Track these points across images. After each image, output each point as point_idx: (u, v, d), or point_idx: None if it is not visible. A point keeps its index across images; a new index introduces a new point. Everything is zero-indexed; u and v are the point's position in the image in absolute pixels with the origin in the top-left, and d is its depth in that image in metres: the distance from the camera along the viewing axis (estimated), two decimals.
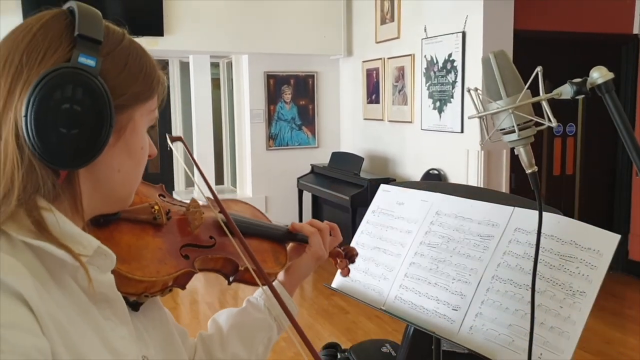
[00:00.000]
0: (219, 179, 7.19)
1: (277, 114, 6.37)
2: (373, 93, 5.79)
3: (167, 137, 0.97)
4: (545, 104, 0.83)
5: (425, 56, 4.80)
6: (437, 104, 4.70)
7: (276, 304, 0.99)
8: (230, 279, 0.94)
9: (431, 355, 1.35)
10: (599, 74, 0.81)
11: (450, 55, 4.47)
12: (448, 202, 1.40)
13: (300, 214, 6.25)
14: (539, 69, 0.81)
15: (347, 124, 6.50)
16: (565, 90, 0.83)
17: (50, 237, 0.63)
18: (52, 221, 0.64)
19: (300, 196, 6.26)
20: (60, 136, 0.62)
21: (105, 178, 0.70)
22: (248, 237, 0.98)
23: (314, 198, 6.28)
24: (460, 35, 4.33)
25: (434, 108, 4.74)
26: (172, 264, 0.80)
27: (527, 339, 1.04)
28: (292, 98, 6.40)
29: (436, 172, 4.77)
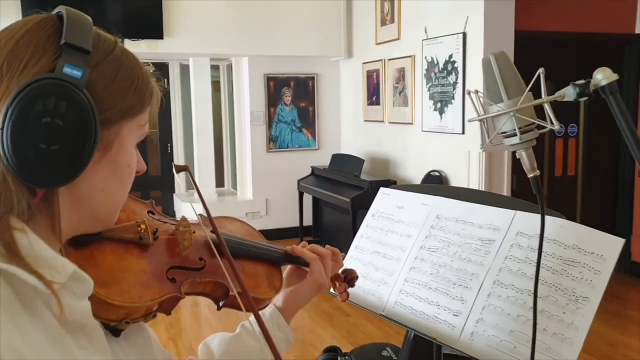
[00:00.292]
0: (220, 182, 7.17)
1: (278, 116, 6.36)
2: (373, 94, 5.77)
3: (173, 167, 0.93)
4: (547, 107, 0.81)
5: (425, 57, 4.78)
6: (438, 105, 4.68)
7: (272, 331, 0.97)
8: (220, 303, 0.89)
9: (432, 359, 1.33)
10: (602, 76, 0.79)
11: (450, 56, 4.45)
12: (449, 206, 1.38)
13: (301, 216, 6.24)
14: (540, 70, 0.79)
15: (347, 126, 6.48)
16: (568, 92, 0.81)
17: (21, 261, 0.58)
18: (25, 243, 0.59)
19: (301, 198, 6.25)
20: (38, 152, 0.57)
21: (87, 197, 0.66)
22: (241, 259, 0.93)
23: (314, 200, 6.26)
24: (460, 36, 4.31)
25: (435, 109, 4.72)
26: (157, 288, 0.75)
27: (530, 346, 1.02)
28: (292, 100, 6.39)
29: (437, 174, 4.75)
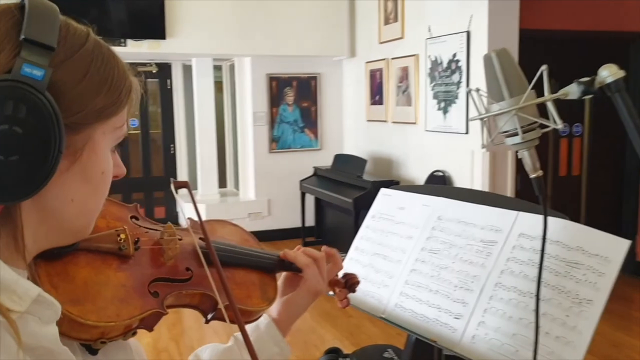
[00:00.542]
0: (222, 182, 7.16)
1: (280, 117, 6.34)
2: (376, 94, 5.74)
3: (172, 183, 0.84)
4: (550, 105, 0.79)
5: (429, 56, 4.76)
6: (442, 104, 4.65)
7: (266, 345, 0.92)
8: (209, 316, 0.83)
9: None
10: (608, 72, 0.76)
11: (454, 55, 4.43)
12: (450, 207, 1.36)
13: (303, 217, 6.22)
14: (543, 67, 0.77)
15: (350, 126, 6.46)
16: (572, 90, 0.79)
17: None
18: None
19: (303, 199, 6.23)
20: None
21: (56, 209, 0.59)
22: (232, 267, 0.88)
23: (316, 201, 6.25)
24: (464, 35, 4.29)
25: (439, 109, 4.70)
26: (137, 304, 0.68)
27: (532, 349, 1.00)
28: (295, 100, 6.37)
29: (441, 174, 4.72)
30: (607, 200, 5.30)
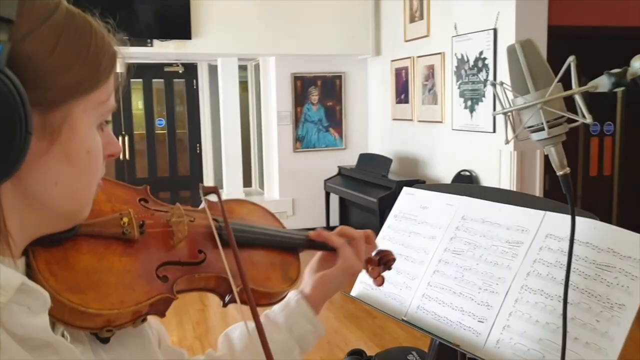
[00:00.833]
0: (247, 182, 7.18)
1: (304, 116, 6.33)
2: (402, 93, 5.69)
3: (200, 188, 0.81)
4: (579, 98, 0.74)
5: (455, 54, 4.70)
6: (469, 103, 4.59)
7: (298, 323, 0.89)
8: (226, 299, 0.79)
9: None
10: None
11: (481, 52, 4.36)
12: (475, 206, 1.32)
13: (328, 216, 6.20)
14: (571, 58, 0.73)
15: (375, 125, 6.42)
16: (602, 83, 0.74)
17: None
18: None
19: (328, 198, 6.21)
20: None
21: (40, 194, 0.56)
22: (250, 248, 0.84)
23: (341, 200, 6.22)
24: (491, 32, 4.22)
25: (465, 107, 4.63)
26: (144, 290, 0.65)
27: (559, 356, 0.95)
28: (319, 99, 6.35)
29: (468, 174, 4.65)
30: None
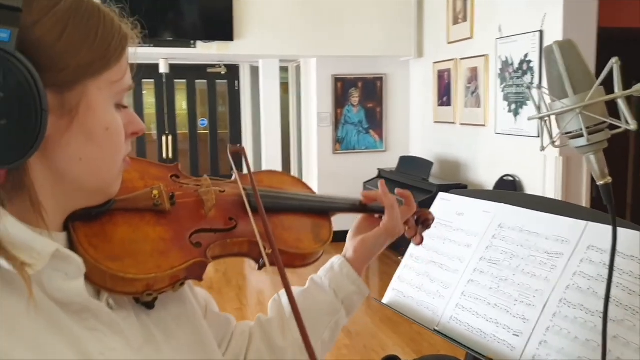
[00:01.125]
0: None
1: (344, 117, 6.30)
2: (444, 95, 5.60)
3: (228, 149, 0.87)
4: (622, 103, 0.69)
5: (499, 57, 4.59)
6: (513, 106, 4.48)
7: (343, 285, 0.95)
8: (261, 262, 0.83)
9: None
10: None
11: (526, 55, 4.25)
12: (512, 214, 1.27)
13: None
14: (614, 60, 0.68)
15: (416, 127, 6.34)
16: None
17: None
18: (1, 229, 0.56)
19: None
20: None
21: (67, 169, 0.61)
22: (280, 213, 0.88)
23: None
24: (537, 34, 4.10)
25: (509, 111, 4.52)
26: (178, 255, 0.70)
27: None
28: (360, 101, 6.31)
29: (511, 179, 4.54)
30: None
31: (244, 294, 4.96)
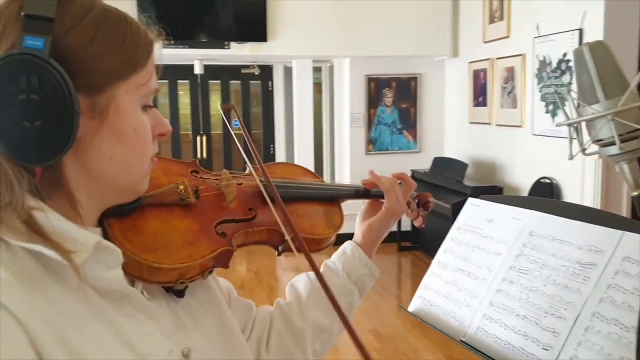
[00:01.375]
0: None
1: (377, 118, 6.25)
2: (480, 95, 5.50)
3: (220, 107, 0.93)
4: None
5: (537, 56, 4.48)
6: (550, 107, 4.36)
7: (355, 267, 1.02)
8: (280, 248, 0.90)
9: None
10: None
11: (565, 54, 4.14)
12: (544, 222, 1.22)
13: (399, 220, 6.07)
14: None
15: (450, 128, 6.25)
16: None
17: (42, 238, 0.59)
18: (44, 221, 0.60)
19: None
20: (25, 131, 0.58)
21: (99, 168, 0.65)
22: (294, 202, 0.94)
23: None
24: (576, 33, 3.99)
25: (547, 112, 4.41)
26: (206, 245, 0.75)
27: None
28: (393, 101, 6.25)
29: (548, 181, 4.42)
30: None
31: (275, 294, 4.97)
